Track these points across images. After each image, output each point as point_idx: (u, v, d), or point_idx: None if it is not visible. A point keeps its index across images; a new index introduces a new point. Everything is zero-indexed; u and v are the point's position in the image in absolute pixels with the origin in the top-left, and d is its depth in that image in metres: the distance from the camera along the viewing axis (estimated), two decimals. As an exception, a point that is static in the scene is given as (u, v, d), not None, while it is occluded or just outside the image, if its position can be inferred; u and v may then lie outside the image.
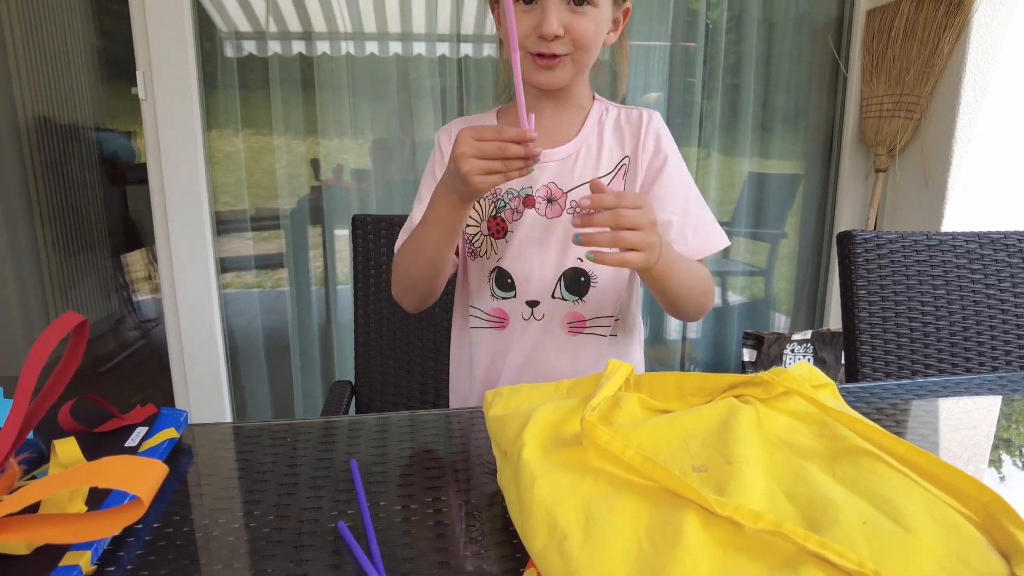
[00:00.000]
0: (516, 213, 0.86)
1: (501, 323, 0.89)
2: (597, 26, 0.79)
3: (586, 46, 0.79)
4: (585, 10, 0.78)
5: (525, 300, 0.87)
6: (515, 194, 0.86)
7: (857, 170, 2.15)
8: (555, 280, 0.87)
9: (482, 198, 0.87)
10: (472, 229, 0.89)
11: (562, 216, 0.86)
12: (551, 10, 0.76)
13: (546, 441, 0.49)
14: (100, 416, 0.61)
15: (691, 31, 2.09)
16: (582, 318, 0.88)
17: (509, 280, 0.87)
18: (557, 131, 0.88)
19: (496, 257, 0.87)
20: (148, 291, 3.73)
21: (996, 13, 1.80)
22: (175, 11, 1.74)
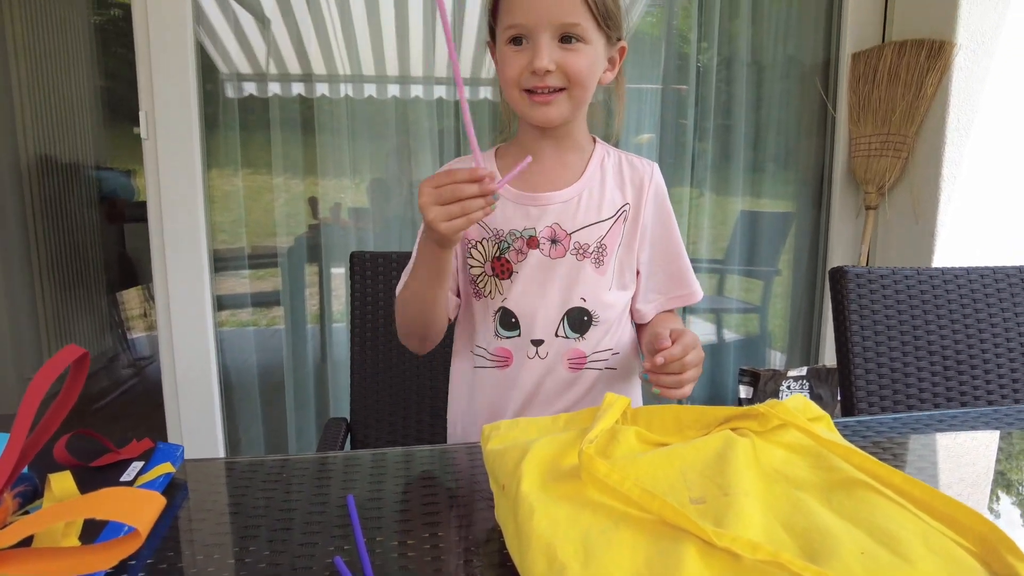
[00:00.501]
0: (520, 254, 0.88)
1: (505, 362, 0.90)
2: (590, 62, 0.81)
3: (580, 81, 0.81)
4: (576, 47, 0.80)
5: (530, 339, 0.88)
6: (518, 235, 0.88)
7: (848, 208, 2.18)
8: (559, 319, 0.88)
9: (485, 240, 0.89)
10: (476, 270, 0.90)
11: (566, 256, 0.88)
12: (542, 46, 0.79)
13: (544, 474, 0.49)
14: (96, 451, 0.61)
15: (682, 74, 2.14)
16: (582, 354, 0.89)
17: (514, 319, 0.88)
18: (560, 173, 0.90)
19: (501, 297, 0.89)
20: (143, 329, 3.71)
21: (975, 57, 1.86)
22: (179, 53, 1.78)
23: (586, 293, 0.88)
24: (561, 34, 0.80)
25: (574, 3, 0.79)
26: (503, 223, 0.89)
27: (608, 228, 0.89)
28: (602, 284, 0.89)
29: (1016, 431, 0.78)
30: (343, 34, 1.96)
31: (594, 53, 0.82)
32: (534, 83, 0.81)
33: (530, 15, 0.79)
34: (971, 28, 1.84)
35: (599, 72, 0.85)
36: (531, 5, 0.79)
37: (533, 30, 0.79)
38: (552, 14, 0.78)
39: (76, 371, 0.50)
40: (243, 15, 1.93)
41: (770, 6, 2.14)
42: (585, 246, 0.88)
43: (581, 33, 0.80)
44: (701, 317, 2.32)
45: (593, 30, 0.81)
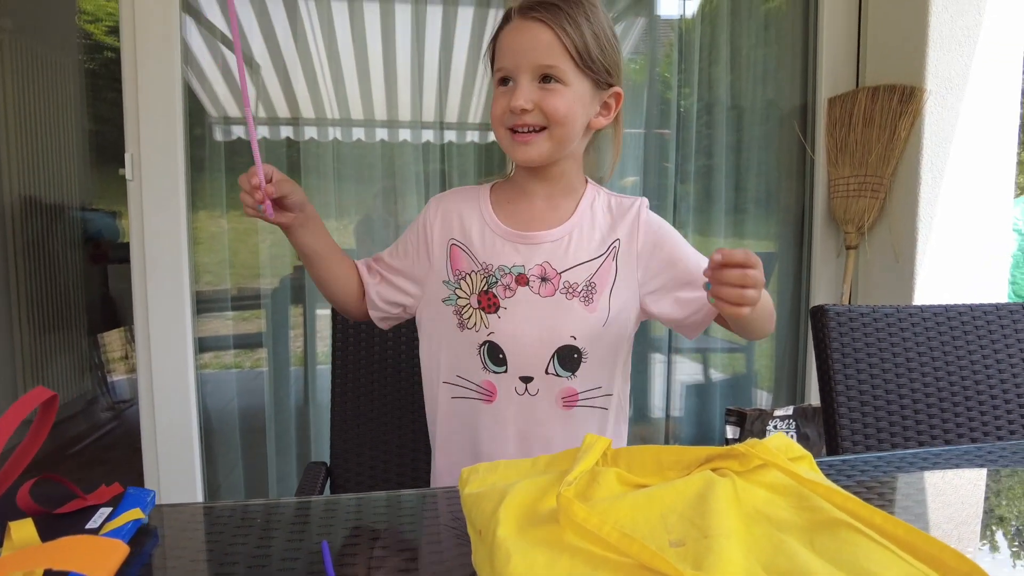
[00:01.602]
0: (508, 290, 0.89)
1: (490, 396, 0.90)
2: (568, 102, 0.84)
3: (558, 120, 0.84)
4: (554, 87, 0.84)
5: (518, 375, 0.88)
6: (507, 271, 0.89)
7: (829, 248, 2.21)
8: (548, 357, 0.88)
9: (473, 272, 0.90)
10: (462, 302, 0.91)
11: (555, 295, 0.88)
12: (521, 87, 0.84)
13: (522, 519, 0.48)
14: (62, 496, 0.59)
15: (665, 118, 2.19)
16: (575, 392, 0.89)
17: (501, 355, 0.88)
18: (550, 214, 0.92)
19: (487, 331, 0.89)
20: (124, 371, 3.66)
21: (945, 102, 1.92)
22: (166, 96, 1.80)
23: (576, 331, 0.88)
24: (541, 75, 0.84)
25: (551, 46, 0.83)
26: (492, 258, 0.90)
27: (598, 266, 0.90)
28: (593, 321, 0.89)
29: (996, 468, 0.78)
30: (332, 78, 1.99)
31: (573, 94, 0.85)
32: (514, 121, 0.85)
33: (512, 58, 0.84)
34: (939, 74, 1.91)
35: (581, 113, 0.87)
36: (513, 49, 0.85)
37: (515, 72, 0.84)
38: (530, 57, 0.83)
39: (44, 414, 0.49)
40: (232, 59, 1.96)
41: (748, 53, 2.21)
42: (574, 285, 0.89)
43: (559, 75, 0.83)
44: (687, 357, 2.32)
45: (572, 72, 0.84)
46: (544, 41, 0.83)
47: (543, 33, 0.83)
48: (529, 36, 0.83)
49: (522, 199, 0.93)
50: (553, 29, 0.83)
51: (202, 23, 1.92)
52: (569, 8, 0.84)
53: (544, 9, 0.83)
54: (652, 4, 2.21)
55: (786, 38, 2.22)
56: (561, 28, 0.83)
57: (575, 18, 0.83)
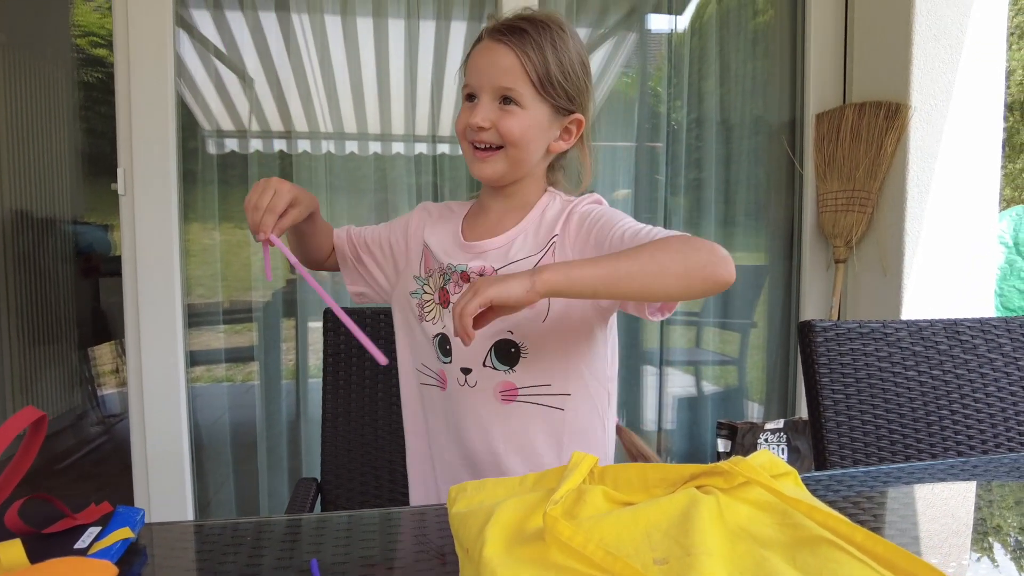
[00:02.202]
0: (457, 286, 0.93)
1: (443, 384, 0.95)
2: (524, 125, 0.88)
3: (513, 141, 0.88)
4: (511, 109, 0.87)
5: (460, 367, 0.92)
6: (454, 269, 0.94)
7: (818, 261, 2.23)
8: (486, 350, 0.90)
9: (437, 271, 0.96)
10: (427, 296, 0.96)
11: None
12: (481, 105, 0.88)
13: (509, 538, 0.48)
14: (51, 516, 0.59)
15: (656, 132, 2.21)
16: (514, 387, 0.90)
17: (448, 347, 0.93)
18: (498, 225, 0.95)
19: (441, 324, 0.94)
20: (115, 385, 3.63)
21: (930, 118, 1.95)
22: (159, 110, 1.80)
23: (512, 326, 0.89)
24: (501, 96, 0.88)
25: (512, 70, 0.87)
26: (446, 257, 0.96)
27: (536, 262, 0.89)
28: (531, 316, 0.88)
29: (984, 481, 0.79)
30: (325, 92, 2.00)
31: (530, 118, 0.88)
32: (473, 137, 0.89)
33: (476, 77, 0.89)
34: (924, 91, 1.94)
35: (539, 137, 0.90)
36: (478, 68, 0.89)
37: (478, 90, 0.89)
38: (492, 77, 0.87)
39: (33, 433, 0.49)
40: (226, 73, 1.97)
41: (738, 69, 2.24)
42: None
43: (517, 97, 0.87)
44: (679, 369, 2.33)
45: (531, 96, 0.88)
46: (506, 64, 0.87)
47: (506, 56, 0.87)
48: (493, 57, 0.87)
49: (481, 213, 0.98)
50: (516, 53, 0.86)
51: (195, 37, 1.94)
52: (536, 33, 0.87)
53: (511, 33, 0.87)
54: (643, 19, 2.24)
55: (775, 54, 2.26)
56: (524, 52, 0.86)
57: (540, 44, 0.87)
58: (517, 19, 0.89)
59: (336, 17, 1.98)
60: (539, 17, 0.89)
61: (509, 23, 0.88)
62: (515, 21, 0.88)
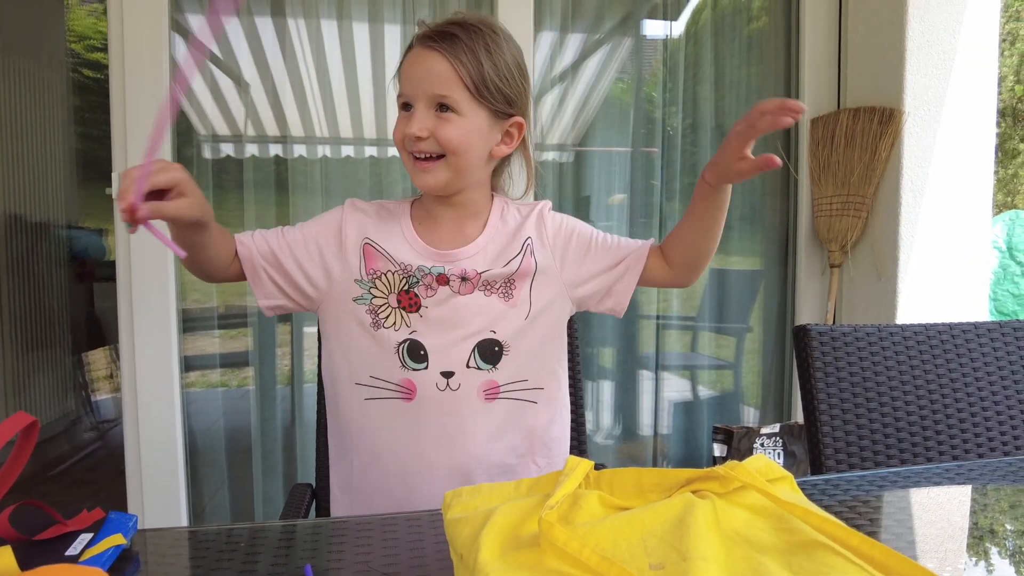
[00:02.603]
0: (430, 290, 0.91)
1: (409, 394, 0.90)
2: (462, 132, 0.86)
3: (452, 149, 0.86)
4: (448, 116, 0.86)
5: (440, 371, 0.90)
6: (427, 271, 0.91)
7: (813, 266, 2.24)
8: (469, 351, 0.90)
9: (390, 272, 0.91)
10: (379, 301, 0.91)
11: (474, 293, 0.91)
12: (416, 114, 0.86)
13: (504, 543, 0.48)
14: (42, 522, 0.59)
15: (651, 137, 2.22)
16: (496, 384, 0.91)
17: (422, 352, 0.90)
18: (458, 236, 0.95)
19: (408, 330, 0.90)
20: (108, 390, 3.62)
21: (923, 123, 1.96)
22: (154, 115, 1.80)
23: (496, 326, 0.91)
24: (437, 103, 0.86)
25: (446, 77, 0.85)
26: (412, 259, 0.92)
27: (518, 265, 0.93)
28: (514, 315, 0.92)
29: (980, 485, 0.79)
30: (320, 97, 2.00)
31: (468, 124, 0.87)
32: (412, 147, 0.88)
33: (410, 86, 0.87)
34: (917, 96, 1.95)
35: (478, 143, 0.89)
36: (411, 77, 0.87)
37: (413, 99, 0.87)
38: (426, 85, 0.86)
39: (24, 440, 0.48)
40: (221, 78, 1.97)
41: (732, 74, 2.25)
42: (492, 282, 0.92)
43: (453, 104, 0.86)
44: (675, 374, 2.33)
45: (467, 102, 0.86)
46: (438, 71, 0.85)
47: (438, 63, 0.85)
48: (425, 65, 0.86)
49: (430, 221, 0.96)
50: (448, 59, 0.85)
51: (191, 42, 1.93)
52: (468, 39, 0.86)
53: (442, 39, 0.85)
54: (639, 25, 2.25)
55: (769, 59, 2.27)
56: (456, 58, 0.85)
57: (473, 49, 0.86)
58: (448, 24, 0.87)
59: (332, 22, 1.98)
60: (471, 21, 0.88)
61: (440, 29, 0.87)
62: (446, 27, 0.87)
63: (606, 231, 0.99)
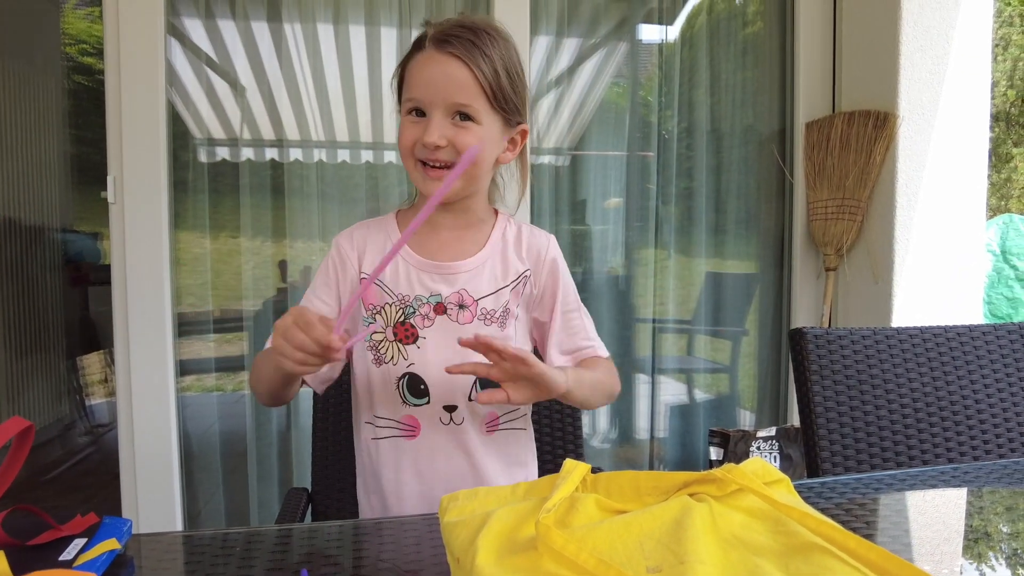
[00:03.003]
0: (427, 319, 0.88)
1: (412, 432, 0.88)
2: (481, 141, 0.84)
3: None
4: (467, 125, 0.83)
5: (442, 405, 0.88)
6: (424, 300, 0.88)
7: (809, 269, 2.24)
8: (471, 383, 0.89)
9: (388, 305, 0.88)
10: (378, 336, 0.89)
11: (473, 322, 0.89)
12: (434, 122, 0.82)
13: (501, 547, 0.48)
14: (35, 527, 0.58)
15: (647, 141, 2.22)
16: (496, 416, 0.91)
17: (423, 386, 0.88)
18: (458, 245, 0.92)
19: (406, 363, 0.88)
20: (103, 395, 3.60)
21: (917, 127, 1.97)
22: (150, 119, 1.79)
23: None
24: (455, 112, 0.83)
25: (467, 85, 0.82)
26: (408, 288, 0.89)
27: (509, 293, 0.92)
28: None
29: (976, 488, 0.79)
30: (317, 100, 2.00)
31: (485, 133, 0.84)
32: (426, 155, 0.84)
33: (427, 92, 0.82)
34: (911, 100, 1.96)
35: (493, 151, 0.88)
36: (428, 83, 0.82)
37: (428, 106, 0.83)
38: (447, 93, 0.82)
39: (19, 444, 0.48)
40: (217, 81, 1.97)
41: (728, 78, 2.25)
42: (492, 311, 0.90)
43: (473, 113, 0.83)
44: (671, 377, 2.33)
45: (486, 111, 0.84)
46: (460, 78, 0.82)
47: (459, 69, 0.81)
48: (444, 70, 0.82)
49: (428, 229, 0.92)
50: (469, 66, 0.81)
51: (187, 45, 1.93)
52: (482, 43, 0.83)
53: (459, 43, 0.82)
54: (634, 29, 2.26)
55: (764, 64, 2.27)
56: (476, 65, 0.82)
57: (489, 54, 0.83)
58: (460, 28, 0.83)
59: (328, 26, 1.98)
60: (480, 25, 0.84)
61: (454, 32, 0.82)
62: (459, 31, 0.83)
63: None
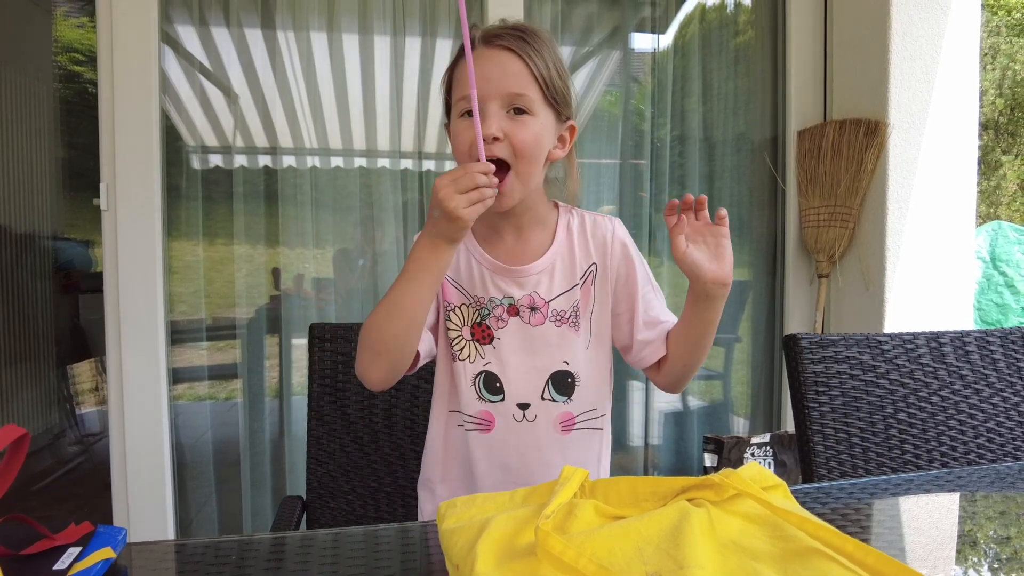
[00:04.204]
0: (501, 321, 0.90)
1: (487, 426, 0.91)
2: (536, 134, 0.84)
3: (525, 153, 0.83)
4: (523, 119, 0.83)
5: (516, 403, 0.90)
6: (498, 303, 0.90)
7: (801, 276, 2.26)
8: (543, 383, 0.90)
9: (465, 305, 0.91)
10: (453, 333, 0.91)
11: (545, 324, 0.90)
12: (491, 114, 0.82)
13: (500, 553, 0.48)
14: (29, 537, 0.58)
15: (639, 149, 2.24)
16: (571, 416, 0.91)
17: (498, 384, 0.90)
18: (524, 247, 0.92)
19: (483, 362, 0.90)
20: (93, 403, 3.57)
21: (908, 135, 1.99)
22: (143, 127, 1.79)
23: (568, 356, 0.90)
24: (510, 105, 0.83)
25: (522, 76, 0.83)
26: (482, 291, 0.91)
27: (579, 293, 0.92)
28: (580, 345, 0.91)
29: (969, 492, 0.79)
30: (310, 107, 2.00)
31: (541, 126, 0.85)
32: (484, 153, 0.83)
33: (481, 86, 0.82)
34: (901, 109, 1.98)
35: (546, 146, 0.88)
36: (483, 77, 0.82)
37: (483, 100, 0.82)
38: (501, 85, 0.82)
39: (14, 452, 0.48)
40: (211, 88, 1.97)
41: (720, 87, 2.27)
42: (562, 312, 0.91)
43: (528, 105, 0.83)
44: (665, 384, 2.33)
45: (540, 103, 0.84)
46: (514, 70, 0.83)
47: (513, 62, 0.83)
48: (498, 64, 0.83)
49: (493, 235, 0.93)
50: (523, 58, 0.83)
51: (180, 52, 1.93)
52: (532, 39, 0.84)
53: (512, 38, 0.83)
54: (627, 38, 2.27)
55: (756, 72, 2.29)
56: (530, 57, 0.83)
57: (539, 49, 0.84)
58: (507, 27, 0.85)
59: (322, 33, 1.98)
60: (526, 25, 0.87)
61: (503, 30, 0.84)
62: (507, 29, 0.85)
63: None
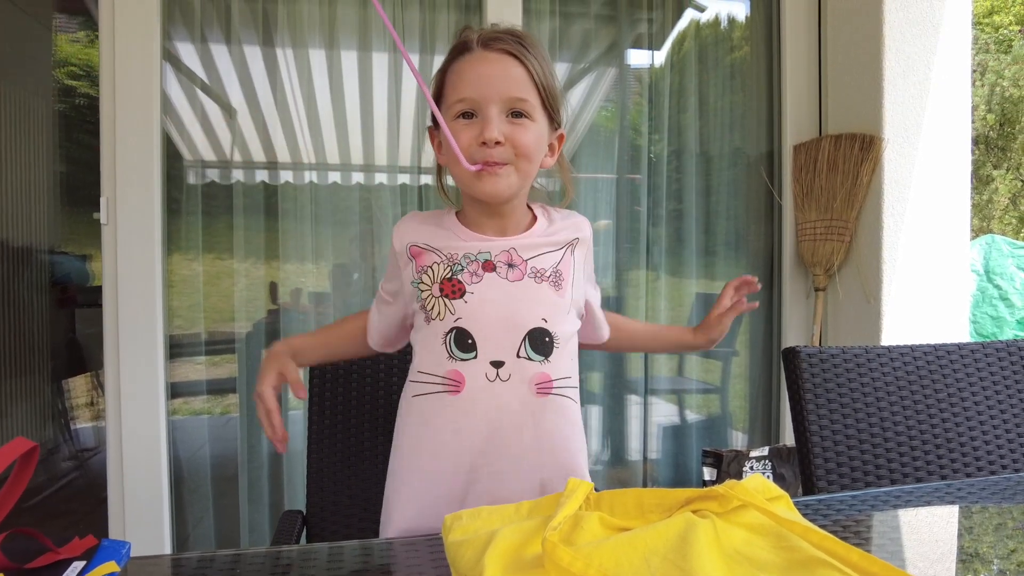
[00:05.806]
0: (475, 276, 0.86)
1: (456, 387, 0.84)
2: (536, 138, 0.85)
3: (527, 154, 0.84)
4: (523, 122, 0.84)
5: (489, 360, 0.84)
6: (472, 258, 0.87)
7: (798, 289, 2.27)
8: (520, 339, 0.85)
9: (436, 264, 0.88)
10: (425, 293, 0.87)
11: (524, 279, 0.87)
12: (492, 119, 0.82)
13: (508, 564, 0.48)
14: (34, 551, 0.58)
15: (636, 164, 2.25)
16: (548, 378, 0.86)
17: (470, 340, 0.84)
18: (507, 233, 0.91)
19: (453, 317, 0.85)
20: (89, 418, 3.54)
21: (902, 150, 2.02)
22: (144, 142, 1.80)
23: (547, 314, 0.86)
24: (510, 109, 0.83)
25: (523, 80, 0.83)
26: (456, 248, 0.88)
27: (561, 256, 0.90)
28: (562, 307, 0.88)
29: (968, 505, 0.80)
30: (308, 123, 2.01)
31: (539, 130, 0.86)
32: (483, 156, 0.82)
33: (480, 90, 0.82)
34: (895, 124, 2.00)
35: (543, 151, 0.88)
36: (482, 80, 0.82)
37: (483, 104, 0.82)
38: (504, 88, 0.82)
39: (23, 465, 0.48)
40: (210, 105, 1.98)
41: (715, 101, 2.29)
42: (542, 270, 0.88)
43: (528, 109, 0.84)
44: (662, 398, 2.34)
45: (538, 108, 0.85)
46: (516, 74, 0.83)
47: (513, 66, 0.83)
48: (499, 67, 0.83)
49: (475, 226, 0.91)
50: (523, 62, 0.83)
51: (180, 69, 1.95)
52: (528, 44, 0.85)
53: (511, 43, 0.84)
54: (623, 54, 2.29)
55: (752, 87, 2.32)
56: (531, 63, 0.83)
57: (535, 54, 0.85)
58: (504, 32, 0.85)
59: (320, 50, 2.00)
60: (518, 30, 0.87)
61: (501, 34, 0.84)
62: (504, 34, 0.85)
63: (594, 255, 0.99)
